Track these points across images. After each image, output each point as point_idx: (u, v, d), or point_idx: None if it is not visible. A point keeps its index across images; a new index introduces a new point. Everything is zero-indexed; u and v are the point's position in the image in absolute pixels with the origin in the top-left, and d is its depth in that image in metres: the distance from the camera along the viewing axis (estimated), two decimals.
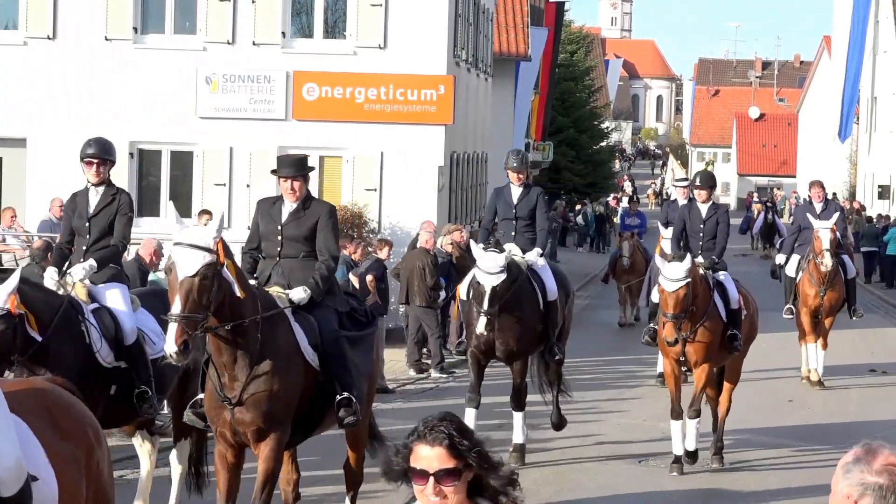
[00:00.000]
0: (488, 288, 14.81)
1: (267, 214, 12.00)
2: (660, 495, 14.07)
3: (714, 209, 16.30)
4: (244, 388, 10.72)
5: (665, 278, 14.68)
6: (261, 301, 10.85)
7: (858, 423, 18.25)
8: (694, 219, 16.25)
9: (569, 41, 67.14)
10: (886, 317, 32.96)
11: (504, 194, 16.03)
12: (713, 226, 16.17)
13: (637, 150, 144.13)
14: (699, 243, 16.07)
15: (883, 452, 4.33)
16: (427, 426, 4.93)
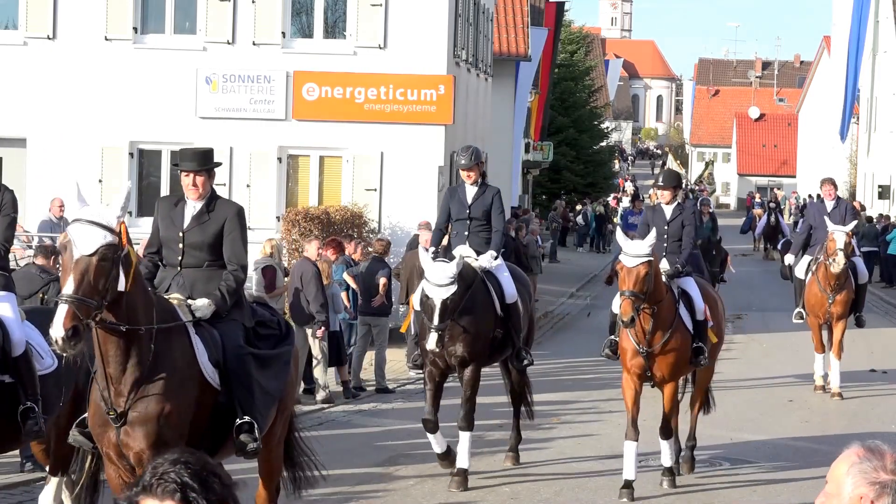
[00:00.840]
0: (438, 302, 13.87)
1: (167, 217, 10.73)
2: (660, 495, 14.05)
3: (679, 210, 15.35)
4: (131, 404, 9.58)
5: (626, 254, 13.79)
6: (159, 310, 9.73)
7: (858, 424, 18.24)
8: (657, 221, 15.29)
9: (569, 41, 67.16)
10: (886, 317, 32.96)
11: (458, 194, 15.16)
12: (678, 228, 15.26)
13: (636, 150, 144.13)
14: (664, 245, 15.13)
15: (888, 450, 4.27)
16: (155, 474, 3.96)
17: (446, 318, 13.88)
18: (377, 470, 14.81)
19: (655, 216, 15.29)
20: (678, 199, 15.53)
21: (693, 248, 21.56)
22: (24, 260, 21.57)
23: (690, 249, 15.20)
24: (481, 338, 14.48)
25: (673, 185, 15.48)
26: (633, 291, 13.64)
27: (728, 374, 22.81)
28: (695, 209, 16.40)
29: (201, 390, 9.86)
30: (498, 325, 14.67)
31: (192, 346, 9.90)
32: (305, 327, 19.36)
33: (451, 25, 27.76)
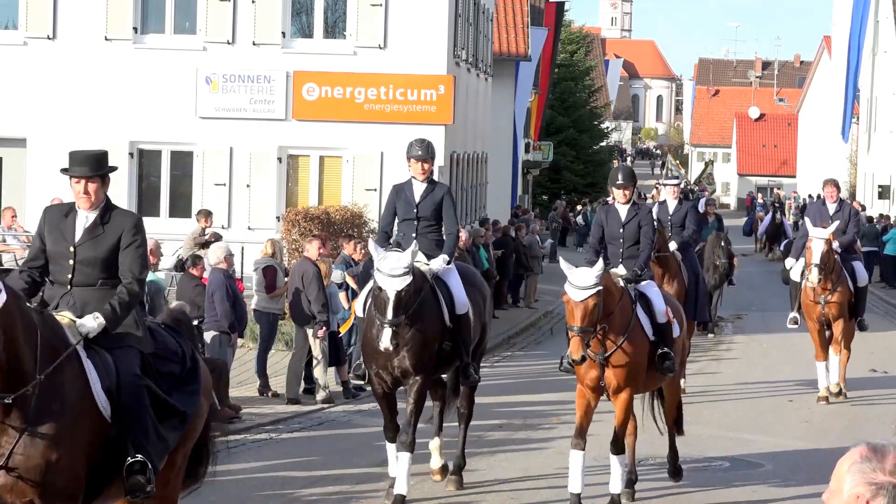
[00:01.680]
0: (392, 293, 12.66)
1: (56, 229, 9.39)
2: (660, 495, 14.05)
3: (635, 210, 14.10)
4: (12, 450, 8.33)
5: (571, 285, 12.46)
6: (44, 333, 8.51)
7: (858, 424, 18.23)
8: (612, 222, 14.13)
9: (569, 41, 67.16)
10: (886, 317, 32.94)
11: (404, 191, 13.99)
12: (634, 230, 14.03)
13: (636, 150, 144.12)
14: (619, 251, 13.99)
15: (892, 451, 4.27)
16: None
17: (400, 312, 12.68)
18: (377, 470, 14.80)
19: (609, 217, 14.15)
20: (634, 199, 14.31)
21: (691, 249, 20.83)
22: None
23: (649, 252, 14.04)
24: (428, 348, 13.31)
25: (632, 183, 14.14)
26: (582, 327, 12.40)
27: (728, 374, 22.81)
28: (651, 209, 14.85)
29: (95, 425, 8.68)
30: (446, 337, 13.49)
31: (85, 373, 8.73)
32: (306, 327, 19.35)
33: (451, 25, 27.76)
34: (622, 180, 13.97)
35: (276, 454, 15.65)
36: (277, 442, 16.53)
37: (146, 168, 27.32)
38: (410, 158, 14.18)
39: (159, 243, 17.27)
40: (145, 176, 27.34)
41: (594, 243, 14.40)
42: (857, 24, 57.82)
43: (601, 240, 14.20)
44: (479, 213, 35.31)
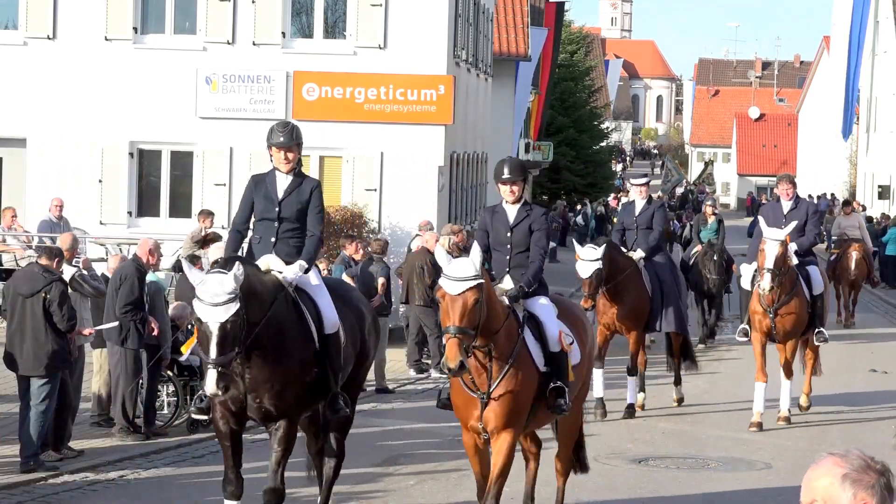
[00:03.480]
0: (214, 327, 10.34)
1: None
2: (659, 495, 14.06)
3: (526, 211, 11.77)
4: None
5: (447, 277, 10.53)
6: None
7: (858, 424, 18.24)
8: (498, 226, 11.81)
9: (569, 41, 67.18)
10: (886, 317, 32.95)
11: (265, 185, 11.73)
12: (524, 234, 11.72)
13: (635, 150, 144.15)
14: (506, 258, 11.72)
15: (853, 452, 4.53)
16: None
17: (227, 348, 10.35)
18: (377, 470, 14.81)
19: (495, 220, 11.82)
20: (526, 198, 12.03)
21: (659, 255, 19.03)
22: (25, 260, 21.58)
23: (540, 262, 11.63)
24: (294, 384, 11.10)
25: (521, 177, 11.80)
26: (460, 327, 10.36)
27: (728, 374, 22.83)
28: (545, 211, 12.36)
29: None
30: (314, 362, 11.32)
31: None
32: None
33: (451, 25, 27.76)
34: (508, 174, 11.73)
35: None
36: None
37: (146, 168, 27.33)
38: (271, 146, 11.67)
39: (159, 243, 17.26)
40: (145, 176, 27.34)
41: (481, 250, 11.58)
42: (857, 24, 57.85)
43: (486, 247, 11.76)
44: (479, 214, 35.33)
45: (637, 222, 18.87)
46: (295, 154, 11.63)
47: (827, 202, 65.82)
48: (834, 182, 73.10)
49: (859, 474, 4.43)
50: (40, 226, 23.95)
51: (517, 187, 11.80)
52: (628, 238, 18.92)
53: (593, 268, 17.78)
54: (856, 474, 4.42)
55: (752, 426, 17.49)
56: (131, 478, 14.31)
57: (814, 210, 18.73)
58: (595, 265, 17.79)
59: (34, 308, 14.40)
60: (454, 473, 14.68)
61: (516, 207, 11.82)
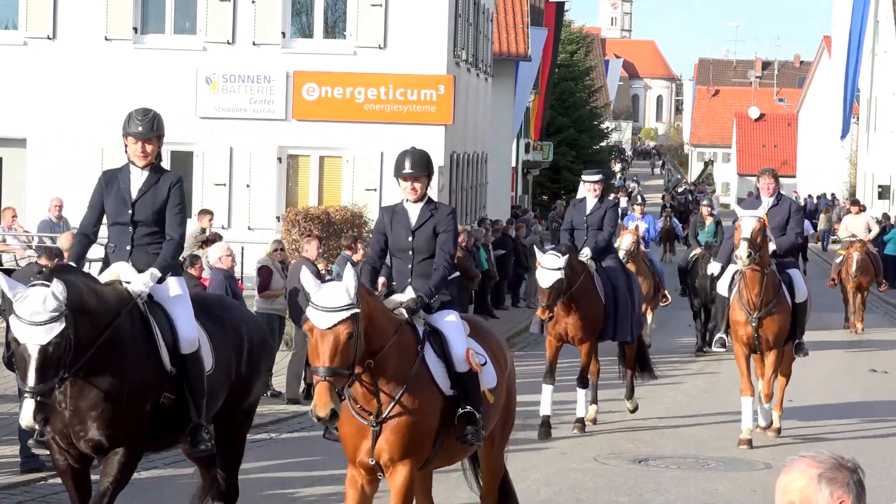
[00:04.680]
0: (34, 350, 8.91)
1: None
2: (659, 495, 14.06)
3: (430, 211, 10.30)
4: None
5: (315, 307, 8.91)
6: None
7: (858, 424, 18.24)
8: (398, 228, 10.31)
9: (569, 41, 67.18)
10: (886, 317, 32.94)
11: (117, 183, 10.26)
12: (427, 237, 10.21)
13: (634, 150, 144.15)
14: (407, 266, 10.21)
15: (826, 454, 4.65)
16: None
17: (50, 375, 8.93)
18: None
19: (395, 221, 10.32)
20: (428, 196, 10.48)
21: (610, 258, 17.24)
22: (25, 260, 21.58)
23: (445, 270, 10.10)
24: (131, 412, 9.62)
25: (424, 172, 10.40)
26: (332, 368, 8.82)
27: (728, 374, 22.82)
28: (451, 211, 10.56)
29: None
30: (167, 387, 9.86)
31: None
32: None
33: (451, 25, 27.76)
34: (410, 168, 10.39)
35: (277, 454, 15.66)
36: (277, 442, 16.53)
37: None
38: (127, 136, 10.37)
39: None
40: None
41: (372, 258, 10.49)
42: (856, 24, 57.85)
43: (382, 252, 10.41)
44: (478, 213, 35.32)
45: (588, 222, 17.37)
46: (154, 147, 10.31)
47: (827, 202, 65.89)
48: (834, 182, 73.11)
49: (833, 473, 4.53)
50: (40, 226, 23.94)
51: (420, 184, 10.33)
52: (577, 238, 17.34)
53: (555, 277, 16.48)
54: (830, 473, 4.53)
55: (741, 443, 16.26)
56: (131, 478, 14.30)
57: (797, 208, 17.21)
58: (557, 274, 16.48)
59: None
60: (454, 473, 14.66)
61: (419, 207, 10.30)
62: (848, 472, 4.56)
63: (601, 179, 17.65)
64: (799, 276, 16.93)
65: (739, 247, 15.68)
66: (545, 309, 16.66)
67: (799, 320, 16.67)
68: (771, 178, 16.67)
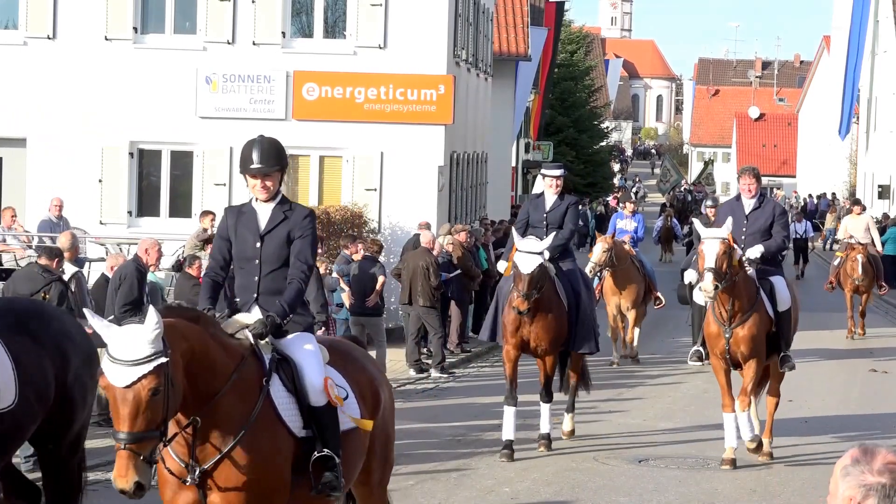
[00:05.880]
0: None
1: None
2: (659, 495, 14.06)
3: (284, 212, 8.72)
4: None
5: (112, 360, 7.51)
6: None
7: (858, 424, 18.25)
8: (245, 232, 8.72)
9: (569, 41, 67.18)
10: (886, 317, 32.95)
11: None
12: (280, 244, 8.70)
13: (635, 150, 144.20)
14: (254, 279, 8.68)
15: (881, 452, 4.37)
16: None
17: None
18: None
19: (242, 224, 8.76)
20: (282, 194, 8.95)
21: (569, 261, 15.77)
22: (25, 260, 21.58)
23: (300, 283, 8.60)
24: None
25: (277, 167, 8.76)
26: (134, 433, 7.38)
27: None
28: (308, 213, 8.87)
29: None
30: None
31: None
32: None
33: (451, 25, 27.76)
34: (259, 162, 8.66)
35: None
36: None
37: (146, 168, 27.33)
38: None
39: (160, 243, 17.27)
40: (145, 176, 27.34)
41: (213, 268, 8.82)
42: (856, 23, 57.86)
43: (226, 261, 8.80)
44: (479, 213, 35.32)
45: (547, 220, 16.00)
46: None
47: (827, 202, 65.89)
48: (834, 182, 73.11)
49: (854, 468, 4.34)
50: (40, 226, 23.94)
51: (271, 180, 8.69)
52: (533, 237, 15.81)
53: (536, 262, 15.04)
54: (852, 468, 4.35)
55: (724, 464, 15.15)
56: None
57: (781, 210, 15.84)
58: (538, 259, 15.06)
59: None
60: (454, 473, 14.69)
61: (270, 207, 8.71)
62: (877, 474, 4.33)
63: (563, 174, 16.38)
64: (782, 283, 15.56)
65: (703, 279, 14.54)
66: (523, 299, 14.99)
67: (783, 331, 15.39)
68: (752, 177, 15.41)
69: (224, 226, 8.79)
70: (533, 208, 16.23)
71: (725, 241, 14.57)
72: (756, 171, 15.63)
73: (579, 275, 16.19)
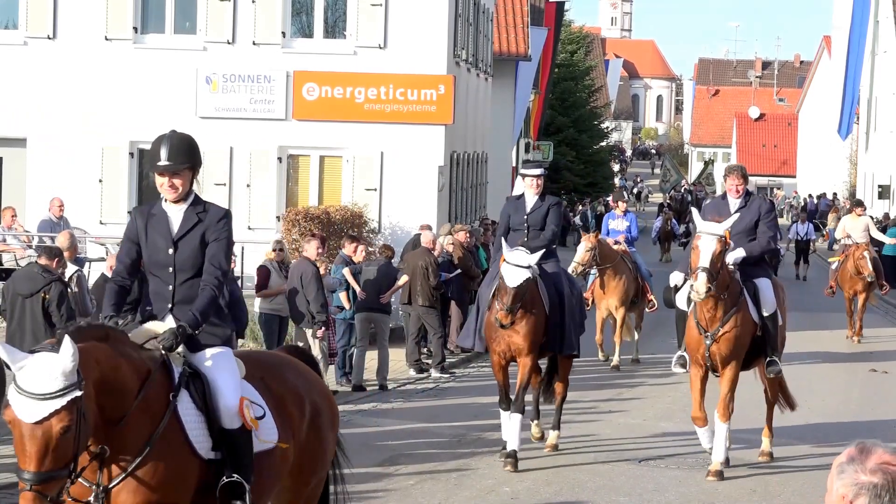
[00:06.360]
0: None
1: None
2: (659, 495, 14.05)
3: (199, 214, 8.22)
4: None
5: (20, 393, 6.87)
6: None
7: (858, 424, 18.24)
8: (155, 236, 8.14)
9: (569, 41, 67.20)
10: (886, 317, 32.94)
11: None
12: (193, 251, 8.13)
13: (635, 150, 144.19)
14: (168, 288, 8.13)
15: (877, 451, 4.38)
16: None
17: None
18: (377, 469, 14.81)
19: (153, 228, 8.23)
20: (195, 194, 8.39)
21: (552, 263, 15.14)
22: (25, 260, 21.58)
23: (213, 290, 8.05)
24: None
25: (188, 164, 8.31)
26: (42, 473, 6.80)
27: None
28: (224, 214, 8.54)
29: None
30: None
31: None
32: (305, 327, 19.36)
33: (451, 25, 27.76)
34: (167, 159, 8.32)
35: None
36: None
37: (146, 168, 27.32)
38: None
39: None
40: (145, 176, 27.33)
41: (120, 272, 8.26)
42: (857, 24, 57.85)
43: (134, 266, 8.25)
44: (479, 213, 35.33)
45: (528, 221, 15.41)
46: None
47: (827, 202, 65.87)
48: (834, 182, 73.11)
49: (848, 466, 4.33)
50: (40, 226, 23.94)
51: (181, 179, 8.14)
52: (513, 241, 15.25)
53: (524, 276, 14.64)
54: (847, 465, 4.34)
55: (710, 475, 14.61)
56: None
57: (767, 209, 15.16)
58: (525, 273, 14.64)
59: (34, 308, 14.40)
60: (454, 473, 14.69)
61: (182, 209, 8.14)
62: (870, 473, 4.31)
63: (542, 174, 15.74)
64: (768, 286, 14.95)
65: (697, 278, 13.93)
66: (507, 313, 14.57)
67: (769, 335, 14.88)
68: (739, 177, 14.91)
69: (133, 228, 8.18)
70: (513, 210, 15.63)
71: (723, 240, 14.09)
72: (743, 170, 15.20)
73: (563, 276, 15.72)
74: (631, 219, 25.22)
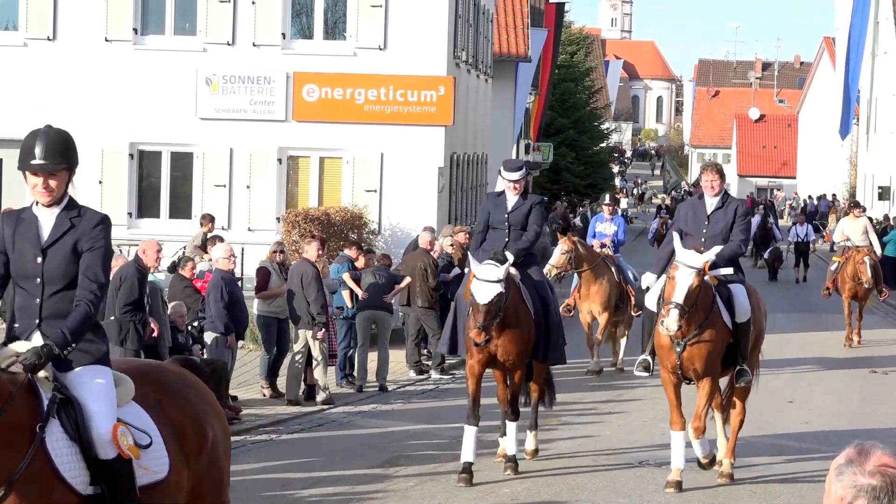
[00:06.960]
0: None
1: None
2: (659, 496, 14.05)
3: (72, 219, 7.34)
4: None
5: None
6: None
7: (860, 425, 18.24)
8: (23, 243, 7.35)
9: (569, 42, 67.18)
10: (886, 317, 32.92)
11: None
12: (64, 260, 7.29)
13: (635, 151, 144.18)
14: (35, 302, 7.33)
15: (875, 453, 4.37)
16: None
17: None
18: (377, 471, 14.81)
19: (20, 234, 7.43)
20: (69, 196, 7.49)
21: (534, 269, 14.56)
22: None
23: (89, 307, 7.18)
24: None
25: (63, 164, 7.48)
26: None
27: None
28: (101, 220, 7.39)
29: None
30: None
31: None
32: (305, 329, 19.35)
33: (451, 26, 27.77)
34: (42, 157, 7.35)
35: (277, 455, 15.66)
36: (277, 443, 16.54)
37: (146, 169, 27.34)
38: None
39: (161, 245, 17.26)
40: (145, 177, 27.35)
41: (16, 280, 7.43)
42: (857, 24, 57.85)
43: (3, 278, 7.38)
44: (479, 215, 35.35)
45: (509, 220, 14.60)
46: None
47: (827, 203, 65.85)
48: (834, 183, 73.11)
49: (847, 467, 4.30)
50: None
51: (56, 180, 7.31)
52: (493, 240, 14.62)
53: (494, 291, 13.86)
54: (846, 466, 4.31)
55: (668, 486, 14.08)
56: None
57: (743, 212, 14.52)
58: (496, 288, 13.85)
59: None
60: (454, 475, 14.68)
61: (54, 214, 7.31)
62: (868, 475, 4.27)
63: (523, 176, 14.77)
64: (742, 292, 14.27)
65: (668, 314, 13.34)
66: (481, 331, 13.81)
67: (741, 344, 14.21)
68: (716, 174, 14.35)
69: (0, 235, 7.33)
70: (494, 207, 14.76)
71: (700, 274, 13.47)
72: (720, 168, 14.70)
73: (546, 283, 15.13)
74: (619, 222, 24.31)
